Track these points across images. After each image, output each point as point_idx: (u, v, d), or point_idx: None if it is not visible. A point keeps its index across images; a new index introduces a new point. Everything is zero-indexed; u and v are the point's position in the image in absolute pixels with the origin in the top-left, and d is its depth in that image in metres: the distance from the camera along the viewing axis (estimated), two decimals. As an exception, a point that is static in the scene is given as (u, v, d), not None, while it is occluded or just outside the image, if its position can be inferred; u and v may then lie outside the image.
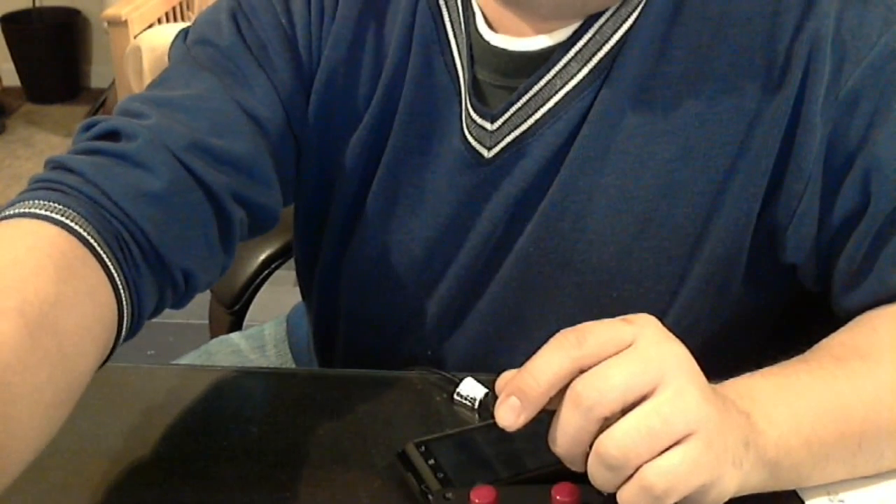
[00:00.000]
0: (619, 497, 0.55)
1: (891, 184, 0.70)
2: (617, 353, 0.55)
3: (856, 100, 0.70)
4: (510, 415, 0.57)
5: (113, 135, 0.70)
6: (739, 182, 0.73)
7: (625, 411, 0.54)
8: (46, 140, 3.66)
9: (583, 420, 0.55)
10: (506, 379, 0.58)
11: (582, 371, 0.55)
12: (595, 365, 0.55)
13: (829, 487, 0.63)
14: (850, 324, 0.71)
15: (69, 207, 0.63)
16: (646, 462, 0.53)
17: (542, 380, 0.55)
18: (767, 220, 0.75)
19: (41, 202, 0.63)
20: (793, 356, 0.65)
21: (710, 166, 0.73)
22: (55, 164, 0.68)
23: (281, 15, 0.79)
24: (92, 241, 0.62)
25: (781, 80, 0.71)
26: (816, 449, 0.60)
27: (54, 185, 0.65)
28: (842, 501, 0.62)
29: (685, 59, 0.72)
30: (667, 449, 0.54)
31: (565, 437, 0.56)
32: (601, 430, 0.54)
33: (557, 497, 0.58)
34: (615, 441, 0.54)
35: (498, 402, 0.57)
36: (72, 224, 0.62)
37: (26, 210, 0.63)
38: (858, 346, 0.66)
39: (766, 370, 0.63)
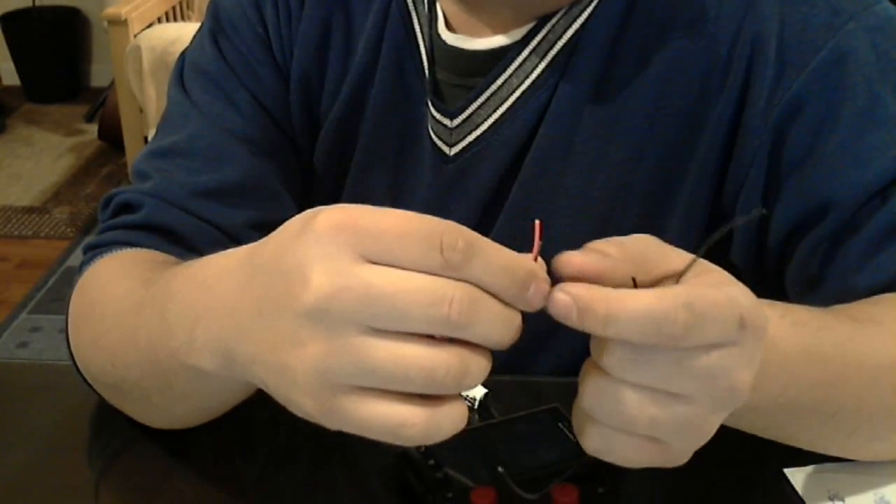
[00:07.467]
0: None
1: (846, 190, 0.69)
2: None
3: (800, 106, 0.69)
4: (561, 308, 0.44)
5: (126, 207, 0.78)
6: (690, 184, 0.73)
7: None
8: (46, 139, 3.66)
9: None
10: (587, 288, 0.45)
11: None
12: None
13: (829, 488, 0.63)
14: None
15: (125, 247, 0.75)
16: None
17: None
18: (715, 221, 0.74)
19: (102, 255, 0.73)
20: None
21: (661, 168, 0.74)
22: (91, 246, 0.77)
23: (257, 25, 0.82)
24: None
25: (723, 84, 0.71)
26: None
27: (102, 249, 0.75)
28: (842, 501, 0.62)
29: (633, 60, 0.73)
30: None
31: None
32: None
33: (557, 497, 0.58)
34: None
35: (559, 288, 0.45)
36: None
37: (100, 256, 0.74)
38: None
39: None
